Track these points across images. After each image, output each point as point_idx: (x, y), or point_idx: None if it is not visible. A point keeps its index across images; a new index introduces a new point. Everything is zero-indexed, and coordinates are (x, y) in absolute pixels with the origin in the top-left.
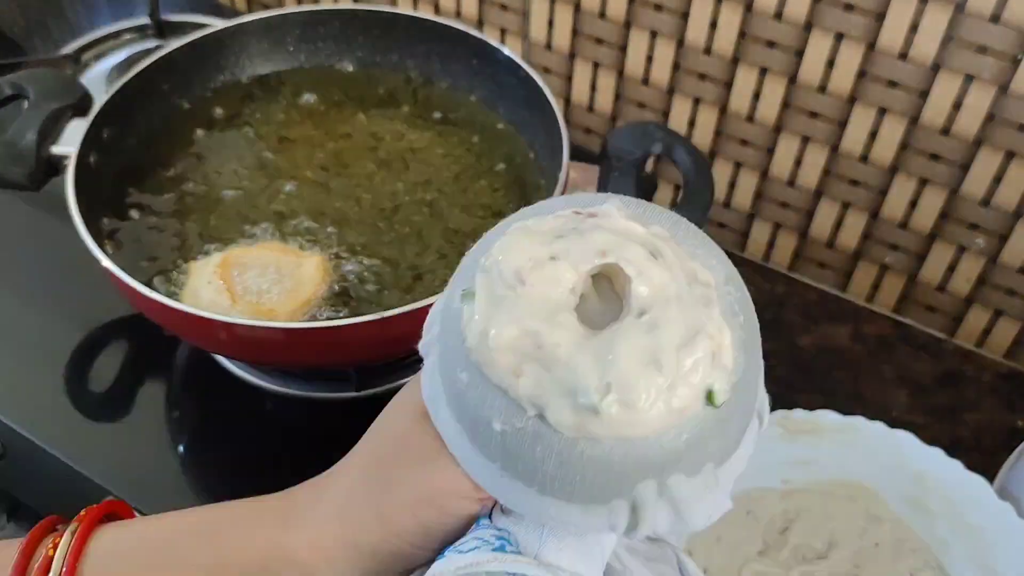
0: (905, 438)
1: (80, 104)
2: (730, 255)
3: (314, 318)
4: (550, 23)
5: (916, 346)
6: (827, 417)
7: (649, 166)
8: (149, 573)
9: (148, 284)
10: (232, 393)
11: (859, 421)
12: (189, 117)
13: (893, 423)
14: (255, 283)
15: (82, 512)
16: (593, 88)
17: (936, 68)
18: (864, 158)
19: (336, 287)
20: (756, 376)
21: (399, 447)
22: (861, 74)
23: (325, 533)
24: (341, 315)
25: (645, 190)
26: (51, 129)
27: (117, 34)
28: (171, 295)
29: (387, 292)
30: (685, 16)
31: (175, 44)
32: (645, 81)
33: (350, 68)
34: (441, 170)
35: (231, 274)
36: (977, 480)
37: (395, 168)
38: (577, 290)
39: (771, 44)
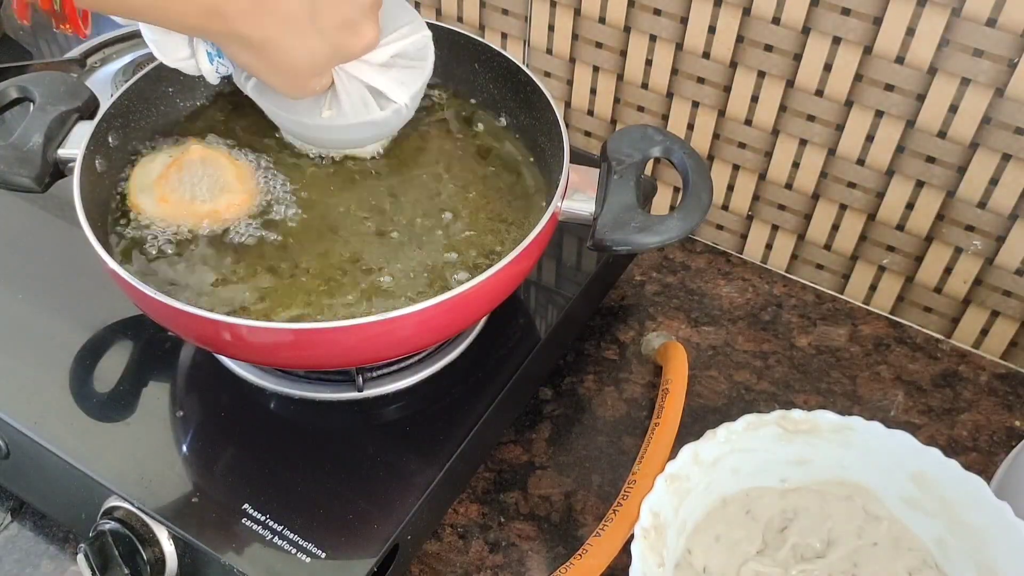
0: (902, 438)
1: (86, 107)
2: (729, 257)
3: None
4: (551, 27)
5: (913, 347)
6: (825, 417)
7: (648, 169)
8: None
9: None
10: (235, 394)
11: (857, 421)
12: (194, 120)
13: (890, 423)
14: (188, 181)
15: None
16: (593, 92)
17: (933, 72)
18: (861, 161)
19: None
20: None
21: None
22: (858, 78)
23: None
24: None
25: (644, 192)
26: (57, 132)
27: (123, 38)
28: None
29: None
30: (684, 21)
31: None
32: (644, 85)
33: None
34: (440, 172)
35: (182, 165)
36: (974, 480)
37: (394, 170)
38: None
39: (769, 48)
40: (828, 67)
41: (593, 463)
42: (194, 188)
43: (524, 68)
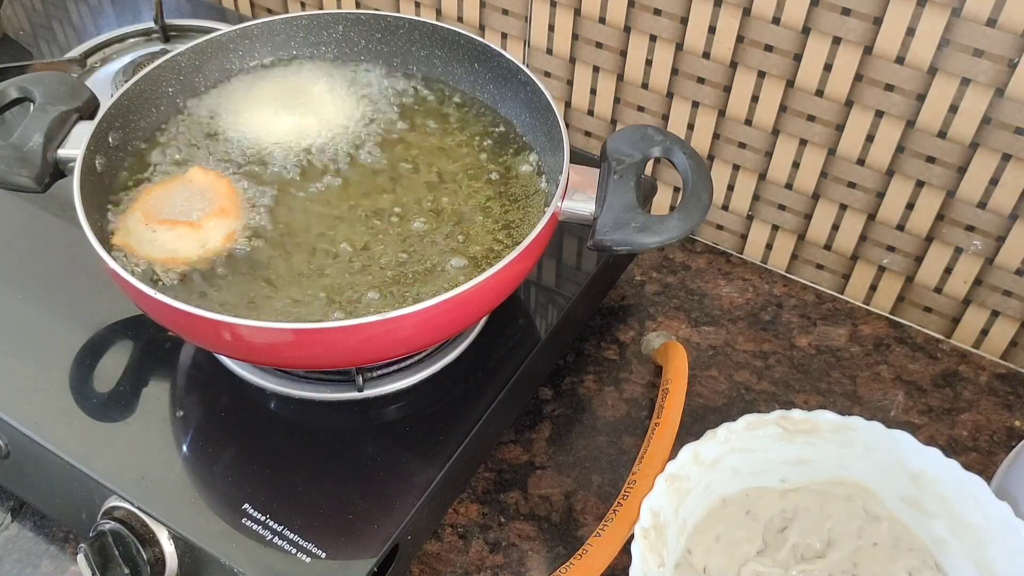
0: (903, 438)
1: (86, 107)
2: (729, 257)
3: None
4: (551, 27)
5: (913, 347)
6: (825, 417)
7: (648, 169)
8: None
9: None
10: (235, 393)
11: (857, 421)
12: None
13: (891, 423)
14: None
15: None
16: (593, 92)
17: (933, 72)
18: (861, 161)
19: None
20: None
21: None
22: (858, 78)
23: None
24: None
25: (644, 192)
26: (57, 132)
27: (122, 38)
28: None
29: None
30: (684, 21)
31: (180, 48)
32: (644, 85)
33: None
34: (440, 172)
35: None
36: (975, 480)
37: (393, 170)
38: None
39: (769, 48)
40: (828, 67)
41: (593, 463)
42: (188, 212)
43: (524, 68)
